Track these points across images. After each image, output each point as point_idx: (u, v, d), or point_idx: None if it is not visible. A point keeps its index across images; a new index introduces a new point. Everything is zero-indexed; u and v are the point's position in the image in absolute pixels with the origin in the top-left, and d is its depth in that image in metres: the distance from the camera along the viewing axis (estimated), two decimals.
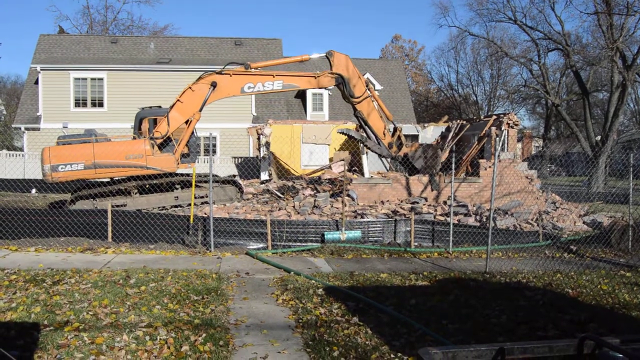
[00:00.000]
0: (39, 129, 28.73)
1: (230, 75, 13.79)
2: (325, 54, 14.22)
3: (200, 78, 13.78)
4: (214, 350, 5.36)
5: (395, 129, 15.35)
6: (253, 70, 13.91)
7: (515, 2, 61.35)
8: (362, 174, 18.59)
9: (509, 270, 9.64)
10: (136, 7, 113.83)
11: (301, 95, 34.58)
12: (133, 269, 8.78)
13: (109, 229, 11.14)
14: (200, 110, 13.78)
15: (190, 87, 13.73)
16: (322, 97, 33.69)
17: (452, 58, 69.08)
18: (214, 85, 13.61)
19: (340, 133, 15.87)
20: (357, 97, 14.27)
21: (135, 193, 14.11)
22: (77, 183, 14.97)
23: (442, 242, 11.97)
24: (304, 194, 15.40)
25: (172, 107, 13.81)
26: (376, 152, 15.27)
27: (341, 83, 14.26)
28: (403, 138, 15.53)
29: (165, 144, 14.11)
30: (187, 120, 13.81)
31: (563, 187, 22.71)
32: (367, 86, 14.49)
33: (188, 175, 14.29)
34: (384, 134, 14.83)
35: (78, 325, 5.87)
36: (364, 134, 15.24)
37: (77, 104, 29.09)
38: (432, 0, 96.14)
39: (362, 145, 15.55)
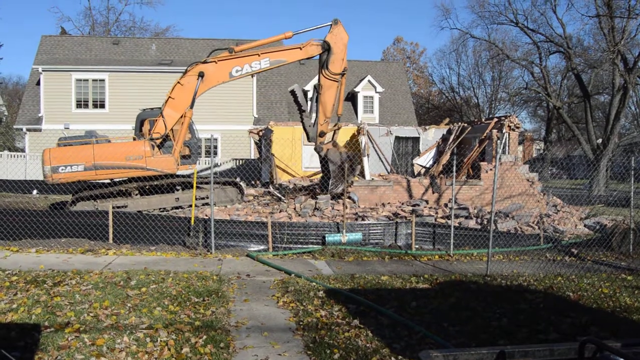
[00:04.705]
0: (40, 130, 28.77)
1: (216, 62, 13.71)
2: (331, 21, 13.77)
3: (187, 71, 13.75)
4: (215, 352, 5.35)
5: (335, 124, 14.96)
6: (237, 53, 13.77)
7: (516, 5, 61.38)
8: (363, 176, 18.60)
9: (510, 273, 9.63)
10: (138, 9, 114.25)
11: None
12: (134, 270, 8.78)
13: (110, 230, 11.15)
14: (192, 103, 13.73)
15: (179, 82, 13.73)
16: None
17: (453, 60, 69.20)
18: (201, 75, 13.54)
19: (290, 92, 15.10)
20: (330, 73, 13.85)
21: (136, 194, 14.12)
22: (78, 184, 14.99)
23: (443, 244, 11.95)
24: (304, 196, 15.39)
25: (164, 104, 13.83)
26: (305, 129, 14.74)
27: (326, 51, 13.78)
28: (337, 138, 15.07)
29: (164, 143, 14.13)
30: (182, 116, 13.82)
31: (564, 190, 22.68)
32: (343, 73, 14.06)
33: (189, 176, 14.30)
34: (325, 120, 14.38)
35: (79, 326, 5.87)
36: (309, 107, 14.74)
37: (78, 105, 29.13)
38: (434, 2, 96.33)
39: (298, 111, 14.80)
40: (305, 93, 33.18)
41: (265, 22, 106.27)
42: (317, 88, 14.24)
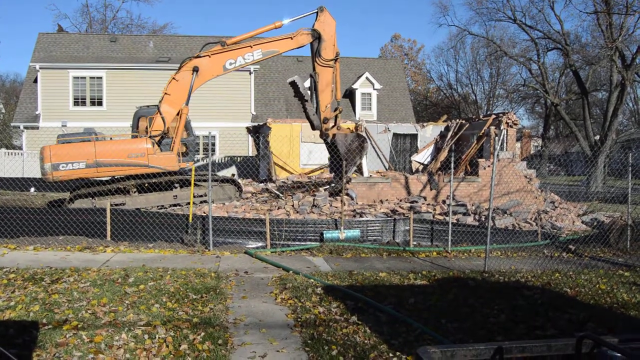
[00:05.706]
0: (37, 128, 28.69)
1: (210, 56, 13.78)
2: (316, 9, 13.97)
3: (181, 66, 13.78)
4: (213, 349, 5.36)
5: (336, 108, 14.95)
6: (230, 45, 13.85)
7: (514, 2, 61.38)
8: (361, 173, 18.61)
9: (508, 270, 9.65)
10: (135, 6, 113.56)
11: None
12: (132, 267, 8.78)
13: (108, 227, 11.13)
14: (188, 99, 13.76)
15: (174, 78, 13.76)
16: None
17: (451, 57, 68.82)
18: (196, 70, 13.60)
19: (289, 83, 15.17)
20: (324, 60, 14.01)
21: (134, 192, 14.10)
22: (76, 182, 14.95)
23: (441, 241, 11.97)
24: (303, 193, 15.39)
25: (161, 101, 13.84)
26: (309, 119, 14.84)
27: (317, 39, 13.96)
28: (340, 121, 15.12)
29: (162, 140, 14.12)
30: (179, 112, 13.85)
31: (562, 186, 22.72)
32: (336, 58, 14.18)
33: (187, 173, 14.28)
34: (326, 107, 14.48)
35: (77, 323, 5.87)
36: (309, 96, 14.87)
37: (76, 103, 29.04)
38: None
39: (300, 102, 14.87)
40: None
41: (263, 21, 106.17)
42: (313, 77, 14.36)
